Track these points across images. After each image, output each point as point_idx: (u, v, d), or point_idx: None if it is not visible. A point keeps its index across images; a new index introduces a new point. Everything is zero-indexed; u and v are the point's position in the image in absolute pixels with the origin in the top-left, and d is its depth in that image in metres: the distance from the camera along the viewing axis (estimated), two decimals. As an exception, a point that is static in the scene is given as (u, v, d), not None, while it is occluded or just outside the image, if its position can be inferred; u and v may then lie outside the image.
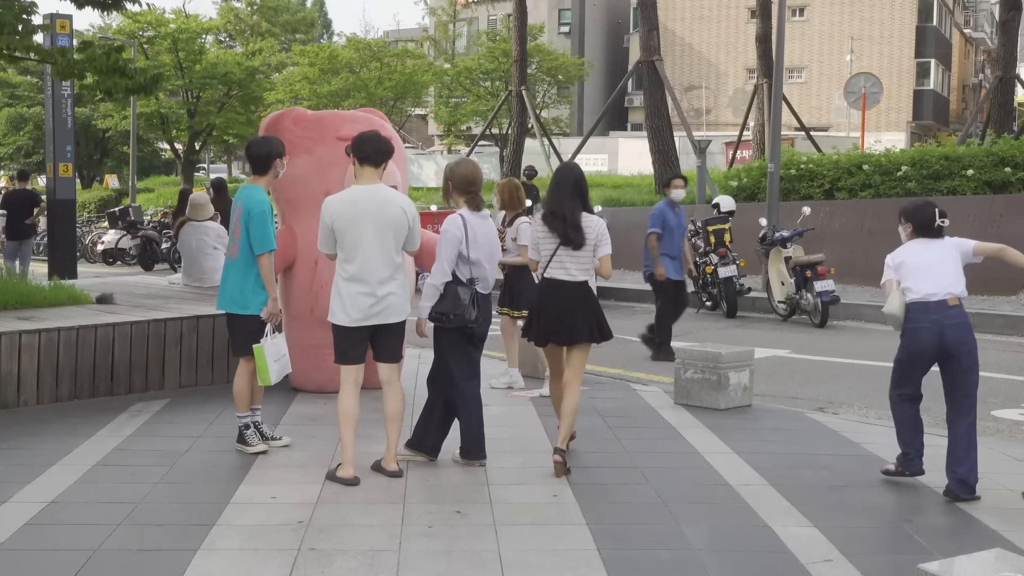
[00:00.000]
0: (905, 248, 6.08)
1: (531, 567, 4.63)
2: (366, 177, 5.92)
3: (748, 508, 5.53)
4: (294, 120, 8.19)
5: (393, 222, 5.83)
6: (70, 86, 14.75)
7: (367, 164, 5.92)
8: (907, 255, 6.00)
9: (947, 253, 5.96)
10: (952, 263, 5.92)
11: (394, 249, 5.85)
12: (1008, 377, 9.75)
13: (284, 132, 7.87)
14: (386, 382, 6.00)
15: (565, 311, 6.13)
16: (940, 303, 5.77)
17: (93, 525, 5.08)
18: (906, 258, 5.98)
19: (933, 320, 5.77)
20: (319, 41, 57.97)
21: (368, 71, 41.61)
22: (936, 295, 5.79)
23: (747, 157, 28.41)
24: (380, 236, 5.79)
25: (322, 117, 8.45)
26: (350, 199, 5.85)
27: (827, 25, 47.14)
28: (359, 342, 5.91)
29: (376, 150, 5.93)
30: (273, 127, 8.07)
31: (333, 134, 7.97)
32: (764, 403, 8.11)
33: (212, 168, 56.70)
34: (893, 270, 5.99)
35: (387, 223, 5.81)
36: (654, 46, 24.14)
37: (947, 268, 5.89)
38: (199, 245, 11.10)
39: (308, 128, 8.11)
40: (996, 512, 5.51)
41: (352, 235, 5.77)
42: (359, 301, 5.80)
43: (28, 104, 44.02)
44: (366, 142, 5.96)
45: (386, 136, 6.19)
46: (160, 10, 41.13)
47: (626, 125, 50.49)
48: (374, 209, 5.80)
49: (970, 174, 16.64)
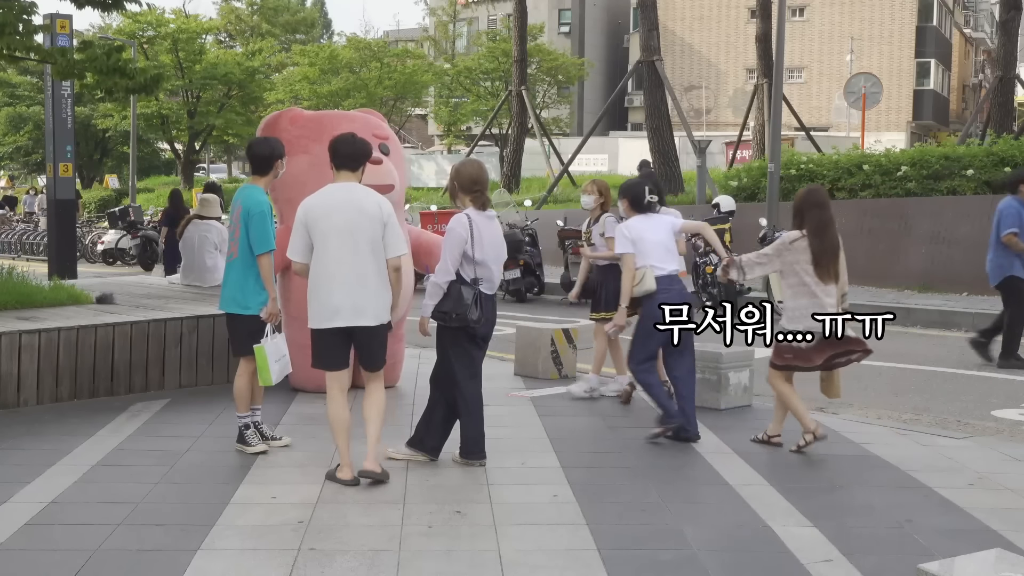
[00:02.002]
0: (637, 224, 7.07)
1: (531, 567, 4.63)
2: (343, 180, 5.86)
3: (748, 508, 5.52)
4: (291, 120, 8.19)
5: (367, 219, 5.70)
6: (70, 86, 14.76)
7: (344, 169, 5.86)
8: (641, 232, 6.99)
9: (667, 230, 7.10)
10: (672, 241, 7.11)
11: (368, 248, 5.71)
12: (1008, 377, 9.75)
13: (282, 132, 7.89)
14: (368, 380, 5.93)
15: None
16: (676, 276, 7.00)
17: (93, 525, 5.08)
18: (643, 235, 6.97)
19: (676, 291, 6.92)
20: (319, 41, 57.96)
21: (368, 71, 41.63)
22: (676, 270, 7.02)
23: (747, 157, 28.40)
24: (353, 233, 5.68)
25: (320, 117, 8.44)
26: (324, 196, 5.79)
27: (827, 25, 47.15)
28: (335, 346, 5.80)
29: (352, 154, 5.86)
30: (271, 128, 8.08)
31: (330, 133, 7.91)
32: (764, 403, 8.11)
33: (212, 168, 56.75)
34: (631, 243, 6.96)
35: (360, 220, 5.69)
36: (654, 46, 24.14)
37: (673, 245, 7.10)
38: (201, 243, 11.10)
39: (305, 127, 8.11)
40: (996, 512, 5.51)
41: (323, 229, 5.67)
42: (329, 301, 5.68)
43: (28, 104, 44.03)
44: (342, 144, 5.89)
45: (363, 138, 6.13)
46: (160, 10, 41.17)
47: (626, 125, 50.49)
48: (347, 206, 5.71)
49: (970, 174, 16.63)
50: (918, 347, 11.62)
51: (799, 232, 6.65)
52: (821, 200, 6.75)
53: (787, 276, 6.70)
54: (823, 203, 6.71)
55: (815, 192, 6.89)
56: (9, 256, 24.65)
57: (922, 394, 9.14)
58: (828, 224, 6.63)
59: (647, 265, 6.93)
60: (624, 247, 7.02)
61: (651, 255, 6.97)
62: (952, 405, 8.68)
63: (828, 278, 6.57)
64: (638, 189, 7.26)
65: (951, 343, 11.96)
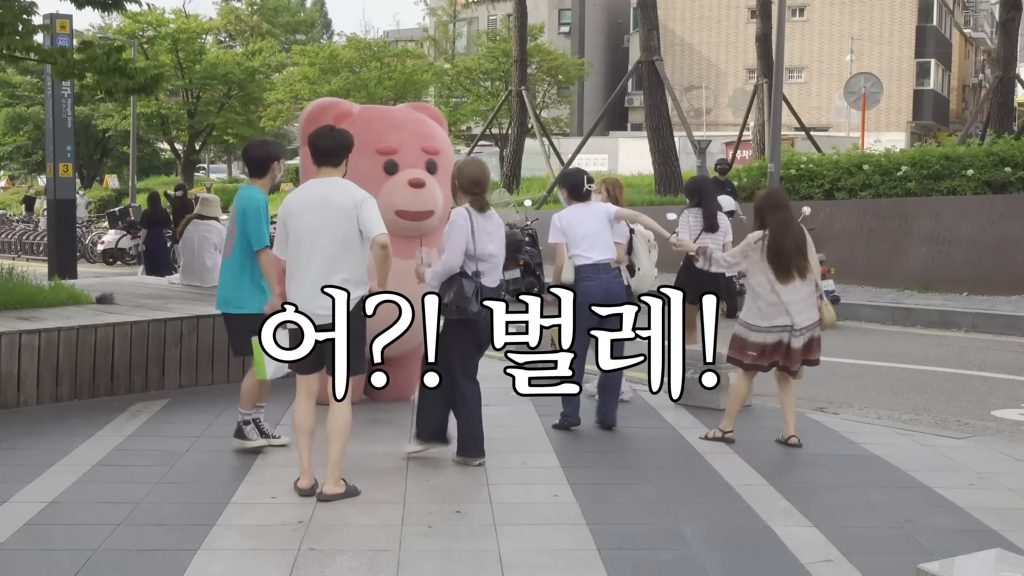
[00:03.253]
0: (568, 213, 7.15)
1: (531, 567, 4.63)
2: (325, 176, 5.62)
3: (748, 508, 5.52)
4: (336, 117, 7.30)
5: (339, 213, 5.43)
6: (70, 86, 14.76)
7: (325, 165, 5.61)
8: (572, 223, 7.09)
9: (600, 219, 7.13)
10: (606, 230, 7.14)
11: (341, 245, 5.43)
12: (1008, 377, 9.75)
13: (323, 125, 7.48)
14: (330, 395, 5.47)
15: None
16: (605, 265, 7.06)
17: (93, 525, 5.08)
18: (573, 226, 7.08)
19: (601, 279, 6.98)
20: (319, 41, 57.97)
21: (368, 71, 41.61)
22: (605, 259, 7.05)
23: (747, 157, 28.38)
24: (322, 233, 5.42)
25: (368, 121, 7.44)
26: (301, 194, 5.60)
27: (827, 25, 47.13)
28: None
29: (332, 149, 5.60)
30: (314, 120, 7.28)
31: (373, 145, 7.14)
32: (764, 403, 8.11)
33: (212, 168, 56.74)
34: (562, 232, 7.11)
35: (331, 218, 5.43)
36: (654, 46, 24.13)
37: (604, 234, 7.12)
38: (201, 243, 11.11)
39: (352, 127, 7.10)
40: (996, 512, 5.51)
41: (296, 230, 5.49)
42: (297, 299, 5.42)
43: (28, 104, 44.04)
44: (321, 139, 5.62)
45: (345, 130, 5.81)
46: (160, 10, 41.19)
47: (626, 125, 50.47)
48: (320, 205, 5.47)
49: (970, 174, 16.64)
50: (918, 347, 11.61)
51: (761, 232, 6.80)
52: (780, 201, 6.93)
53: (751, 275, 6.83)
54: (783, 204, 6.91)
55: (774, 194, 7.13)
56: (9, 256, 24.66)
57: (922, 394, 9.14)
58: (787, 225, 6.78)
59: (575, 254, 7.09)
60: (555, 237, 7.19)
61: (579, 244, 7.08)
62: (952, 405, 8.68)
63: (788, 278, 6.70)
64: (575, 179, 7.34)
65: (951, 343, 11.96)
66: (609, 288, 7.02)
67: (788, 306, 6.68)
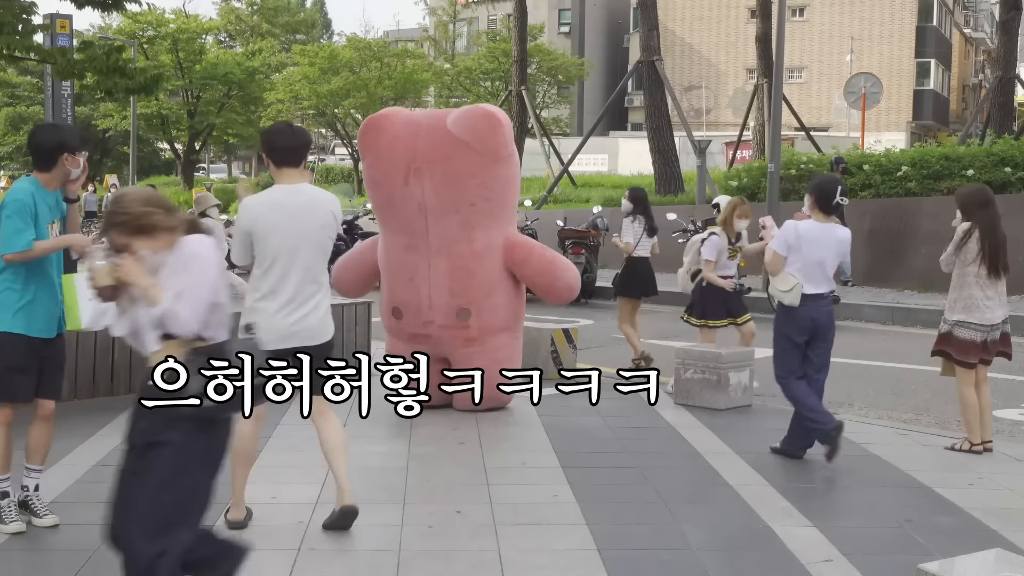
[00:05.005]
0: (809, 231, 6.61)
1: (531, 567, 4.63)
2: (287, 178, 5.05)
3: (748, 508, 5.52)
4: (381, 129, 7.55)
5: (321, 227, 5.04)
6: (70, 86, 14.76)
7: (285, 166, 5.04)
8: (811, 244, 6.62)
9: (839, 250, 6.85)
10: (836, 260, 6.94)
11: (320, 261, 5.06)
12: (1008, 377, 9.74)
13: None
14: (318, 413, 4.99)
15: None
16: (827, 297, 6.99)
17: (93, 525, 5.06)
18: (810, 249, 6.62)
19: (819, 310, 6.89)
20: (319, 41, 57.98)
21: (368, 71, 41.63)
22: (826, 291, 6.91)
23: (747, 157, 28.39)
24: (304, 245, 4.98)
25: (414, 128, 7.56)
26: (272, 200, 5.02)
27: (827, 25, 47.13)
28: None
29: (292, 147, 5.06)
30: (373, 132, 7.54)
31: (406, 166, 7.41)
32: (764, 403, 8.11)
33: (212, 168, 56.74)
34: (787, 247, 6.60)
35: (313, 229, 5.01)
36: (654, 46, 24.14)
37: (834, 264, 6.89)
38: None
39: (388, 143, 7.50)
40: (996, 512, 5.51)
41: (274, 243, 4.93)
42: (275, 321, 4.90)
43: (28, 104, 44.07)
44: (278, 137, 5.08)
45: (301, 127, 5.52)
46: (160, 10, 41.22)
47: (626, 125, 50.48)
48: (299, 213, 4.99)
49: (970, 174, 16.62)
50: (918, 347, 11.59)
51: (968, 226, 7.11)
52: (987, 198, 7.40)
53: (963, 274, 6.98)
54: (990, 201, 7.37)
55: (981, 191, 7.60)
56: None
57: (922, 394, 9.14)
58: (997, 223, 7.23)
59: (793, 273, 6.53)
60: (780, 247, 6.62)
61: (807, 271, 6.62)
62: (952, 405, 8.66)
63: (996, 275, 7.02)
64: (828, 187, 6.74)
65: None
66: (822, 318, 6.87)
67: (992, 300, 6.82)
